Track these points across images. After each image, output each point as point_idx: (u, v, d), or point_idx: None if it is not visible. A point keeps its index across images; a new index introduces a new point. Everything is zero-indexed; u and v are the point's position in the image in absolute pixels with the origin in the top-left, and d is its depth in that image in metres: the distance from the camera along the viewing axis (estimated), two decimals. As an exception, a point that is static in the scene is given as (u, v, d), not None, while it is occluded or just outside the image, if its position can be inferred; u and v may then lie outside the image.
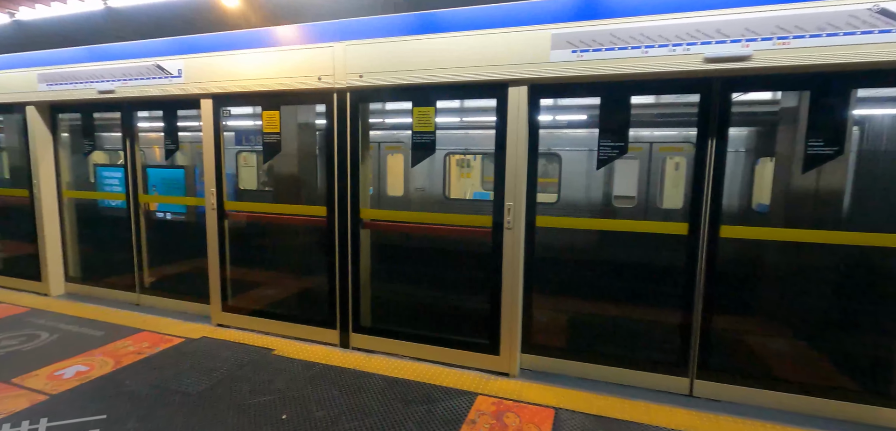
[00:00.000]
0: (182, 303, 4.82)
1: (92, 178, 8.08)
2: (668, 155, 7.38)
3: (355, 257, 3.83)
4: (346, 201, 3.78)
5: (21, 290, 5.42)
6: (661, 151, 7.33)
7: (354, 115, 3.68)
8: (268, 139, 4.01)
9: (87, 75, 4.61)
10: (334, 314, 3.96)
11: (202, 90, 4.12)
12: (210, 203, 4.27)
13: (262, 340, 4.07)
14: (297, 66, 3.77)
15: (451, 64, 3.31)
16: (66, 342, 3.98)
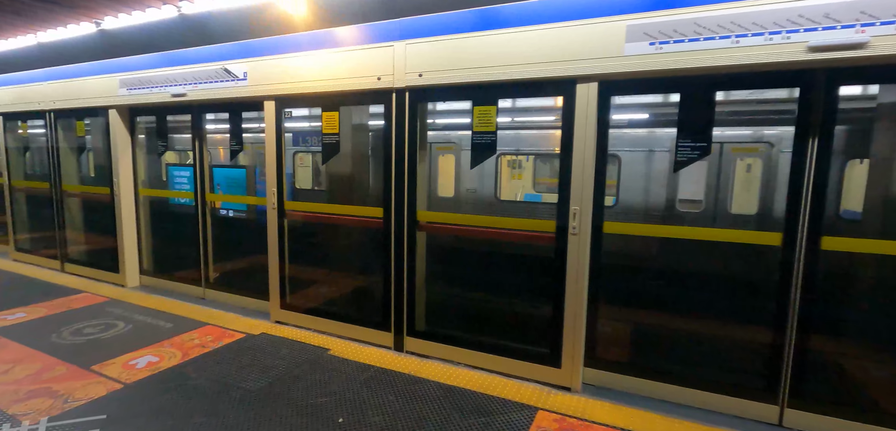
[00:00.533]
0: (242, 299, 4.97)
1: (163, 176, 8.63)
2: (738, 156, 6.82)
3: (411, 260, 3.76)
4: (403, 203, 3.72)
5: (101, 281, 5.81)
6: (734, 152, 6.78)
7: (413, 115, 3.62)
8: (327, 140, 4.03)
9: (162, 80, 4.86)
10: (389, 316, 3.91)
11: (265, 92, 4.22)
12: (271, 203, 4.36)
13: (318, 339, 4.09)
14: (356, 66, 3.75)
15: (515, 61, 3.16)
16: (140, 332, 4.19)
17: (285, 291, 4.46)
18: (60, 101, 5.80)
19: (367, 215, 4.04)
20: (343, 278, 4.55)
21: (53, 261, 6.37)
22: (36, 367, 3.48)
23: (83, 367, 3.50)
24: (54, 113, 5.98)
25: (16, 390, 3.14)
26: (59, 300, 5.05)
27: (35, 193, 6.81)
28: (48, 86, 5.89)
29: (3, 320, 4.41)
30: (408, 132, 3.64)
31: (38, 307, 4.78)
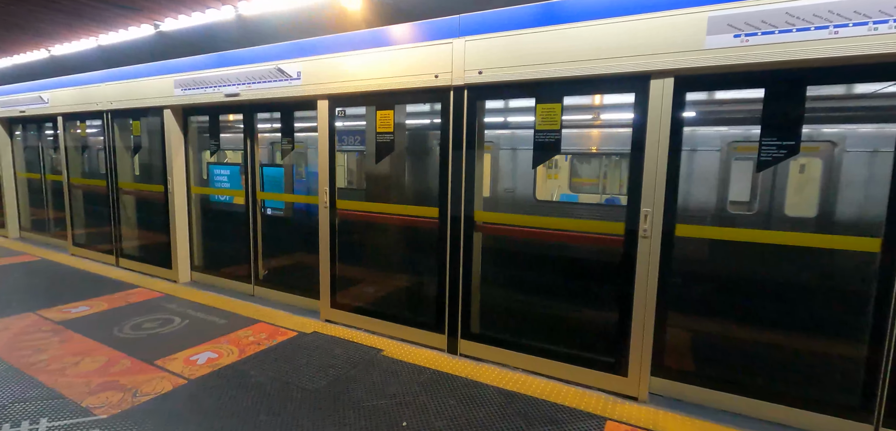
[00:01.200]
0: (290, 297, 5.01)
1: (204, 175, 8.85)
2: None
3: (467, 262, 3.68)
4: (460, 204, 3.65)
5: (154, 276, 5.98)
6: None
7: (472, 113, 3.54)
8: (381, 138, 4.00)
9: (216, 80, 4.95)
10: (442, 318, 3.85)
11: (319, 91, 4.22)
12: (323, 201, 4.37)
13: (370, 339, 4.07)
14: (412, 64, 3.71)
15: (583, 56, 3.04)
16: (196, 328, 4.27)
17: (336, 290, 4.46)
18: (117, 101, 6.00)
19: (422, 215, 3.99)
20: (394, 278, 4.51)
21: (109, 256, 6.60)
22: (102, 360, 3.57)
23: (147, 361, 3.57)
24: (111, 113, 6.19)
25: (87, 382, 3.22)
26: (118, 294, 5.21)
27: (92, 190, 7.08)
28: (106, 87, 6.10)
29: (68, 313, 4.57)
30: (466, 130, 3.57)
31: (99, 302, 4.94)
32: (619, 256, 3.17)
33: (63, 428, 2.70)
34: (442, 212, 3.75)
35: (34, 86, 7.32)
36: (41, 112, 7.14)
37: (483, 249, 3.86)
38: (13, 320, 4.35)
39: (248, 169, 5.14)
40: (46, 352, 3.68)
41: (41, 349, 3.73)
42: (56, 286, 5.49)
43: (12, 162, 8.39)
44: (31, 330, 4.11)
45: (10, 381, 3.21)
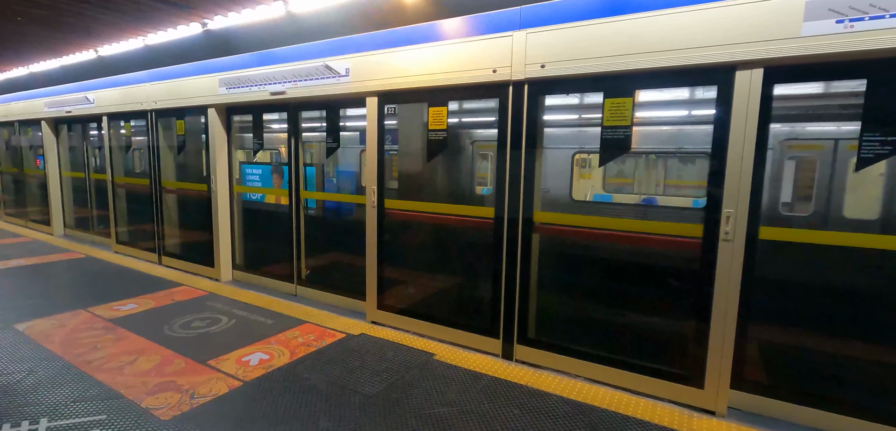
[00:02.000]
0: (333, 297, 4.94)
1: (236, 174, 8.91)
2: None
3: (525, 264, 3.54)
4: (518, 204, 3.50)
5: (196, 274, 6.01)
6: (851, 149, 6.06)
7: (532, 109, 3.39)
8: (434, 136, 3.89)
9: (261, 78, 4.92)
10: (497, 322, 3.71)
11: (368, 88, 4.13)
12: (371, 201, 4.28)
13: (420, 343, 3.95)
14: (468, 58, 3.58)
15: (657, 47, 2.86)
16: (244, 327, 4.23)
17: (382, 291, 4.37)
18: (162, 100, 6.05)
19: (477, 216, 3.86)
20: (442, 280, 4.39)
21: (151, 254, 6.68)
22: (156, 359, 3.55)
23: (200, 361, 3.53)
24: (155, 112, 6.25)
25: (144, 382, 3.20)
26: (163, 292, 5.23)
27: (134, 189, 7.18)
28: (151, 86, 6.16)
29: (118, 311, 4.60)
30: (525, 128, 3.42)
31: (146, 299, 4.96)
32: (695, 260, 2.97)
33: (65, 428, 2.67)
34: (498, 212, 3.61)
35: (80, 86, 7.49)
36: (87, 112, 7.29)
37: (539, 250, 3.71)
38: (67, 316, 4.40)
39: (292, 168, 5.10)
40: (102, 350, 3.68)
41: (97, 346, 3.74)
42: (103, 284, 5.56)
43: (57, 161, 8.61)
44: (84, 327, 4.14)
45: (70, 379, 3.20)
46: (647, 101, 5.88)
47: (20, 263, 6.43)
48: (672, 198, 9.86)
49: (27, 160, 9.42)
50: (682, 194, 9.70)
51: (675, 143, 6.64)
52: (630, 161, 13.12)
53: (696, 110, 6.39)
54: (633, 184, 12.46)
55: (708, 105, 6.12)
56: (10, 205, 10.18)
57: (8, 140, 9.97)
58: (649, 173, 12.39)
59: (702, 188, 9.07)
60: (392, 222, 4.32)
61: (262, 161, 6.17)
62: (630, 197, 11.64)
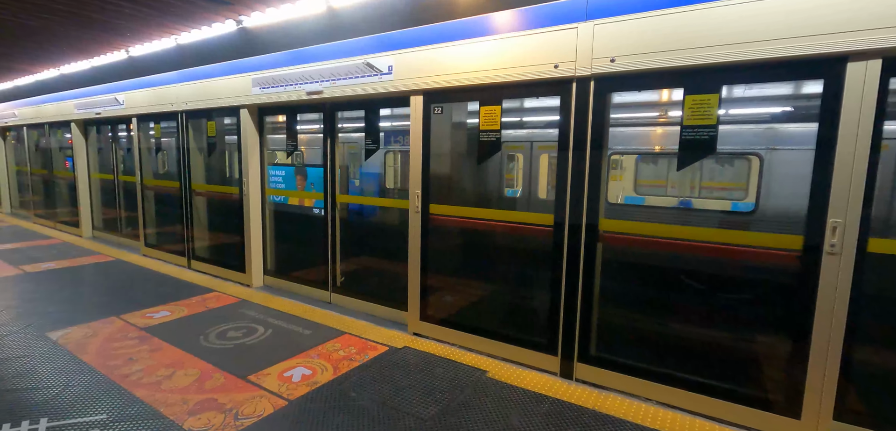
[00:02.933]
0: (370, 305, 4.72)
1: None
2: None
3: (588, 276, 3.25)
4: (581, 211, 3.22)
5: (226, 279, 5.85)
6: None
7: (599, 107, 3.11)
8: (486, 137, 3.63)
9: (296, 77, 4.73)
10: (555, 338, 3.43)
11: (413, 87, 3.90)
12: (415, 206, 4.04)
13: (469, 358, 3.70)
14: (526, 54, 3.32)
15: (750, 37, 2.56)
16: (281, 338, 4.03)
17: (426, 301, 4.12)
18: (193, 101, 5.91)
19: (533, 223, 3.59)
20: (493, 290, 4.13)
21: (180, 258, 6.56)
22: (194, 373, 3.36)
23: (240, 376, 3.33)
24: (186, 113, 6.13)
25: (184, 399, 3.00)
26: (195, 299, 5.07)
27: (163, 191, 7.08)
28: (181, 87, 6.03)
29: (151, 319, 4.44)
30: (591, 127, 3.14)
31: (179, 306, 4.80)
32: (790, 274, 2.66)
33: (65, 428, 2.64)
34: (558, 219, 3.34)
35: (109, 88, 7.42)
36: (116, 114, 7.22)
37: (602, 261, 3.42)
38: (100, 324, 4.25)
39: (327, 170, 4.90)
40: (138, 362, 3.51)
41: (133, 358, 3.57)
42: (134, 289, 5.43)
43: (86, 163, 8.59)
44: (118, 336, 3.98)
45: (109, 395, 3.03)
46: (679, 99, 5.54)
47: (50, 266, 6.36)
48: (707, 200, 9.38)
49: (57, 162, 9.44)
50: (720, 197, 9.25)
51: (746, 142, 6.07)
52: (662, 162, 12.65)
53: (778, 107, 5.93)
54: (666, 186, 12.01)
55: (778, 102, 5.71)
56: (39, 206, 10.23)
57: (38, 142, 10.03)
58: (683, 174, 11.91)
59: (742, 190, 8.61)
60: (437, 228, 4.07)
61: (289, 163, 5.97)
62: (664, 199, 11.19)
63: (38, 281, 5.60)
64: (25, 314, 4.48)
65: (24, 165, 10.71)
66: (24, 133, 10.21)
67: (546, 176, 8.79)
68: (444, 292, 4.21)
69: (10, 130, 11.35)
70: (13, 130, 11.13)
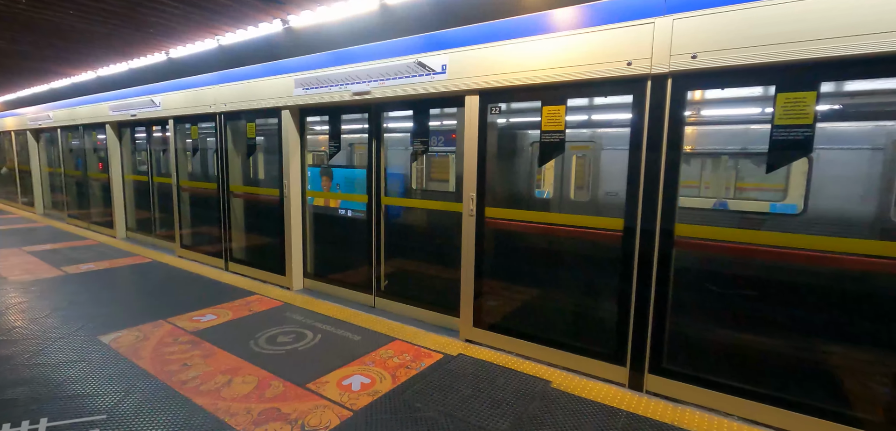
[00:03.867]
0: (416, 310, 4.61)
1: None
2: None
3: (661, 284, 3.10)
4: (655, 215, 3.07)
5: (266, 282, 5.80)
6: None
7: (676, 106, 2.96)
8: (549, 138, 3.49)
9: (342, 78, 4.64)
10: (623, 348, 3.28)
11: (468, 86, 3.78)
12: (469, 209, 3.92)
13: (528, 367, 3.57)
14: (594, 50, 3.17)
15: (860, 30, 2.38)
16: (331, 344, 3.94)
17: (480, 307, 4.00)
18: (232, 103, 5.88)
19: (599, 227, 3.44)
20: (552, 297, 3.98)
21: (217, 260, 6.53)
22: (252, 380, 3.29)
23: (299, 384, 3.24)
24: (224, 115, 6.10)
25: (247, 409, 2.92)
26: (238, 302, 5.02)
27: (199, 193, 7.08)
28: (221, 88, 6.01)
29: (198, 322, 4.39)
30: (667, 128, 2.99)
31: (223, 310, 4.76)
32: (895, 285, 2.48)
33: (65, 428, 2.66)
34: (629, 224, 3.19)
35: (146, 90, 7.45)
36: (153, 115, 7.24)
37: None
38: (149, 328, 4.22)
39: (372, 172, 4.81)
40: (193, 368, 3.45)
41: (187, 364, 3.51)
42: (175, 291, 5.41)
43: (121, 164, 8.66)
44: (169, 341, 3.94)
45: (170, 404, 2.96)
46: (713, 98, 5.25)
47: (90, 267, 6.39)
48: (742, 201, 9.06)
49: (90, 163, 9.54)
50: (755, 198, 8.95)
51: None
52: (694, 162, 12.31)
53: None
54: (699, 186, 11.68)
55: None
56: (72, 207, 10.36)
57: (71, 143, 10.16)
58: (717, 174, 11.58)
59: (777, 191, 8.27)
60: (492, 232, 3.94)
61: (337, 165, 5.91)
62: (697, 200, 10.87)
63: (81, 283, 5.61)
64: (74, 316, 4.47)
65: (57, 166, 10.87)
66: (58, 135, 10.35)
67: (575, 177, 8.59)
68: (499, 298, 4.08)
69: (44, 132, 11.54)
70: (47, 132, 11.31)
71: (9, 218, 10.97)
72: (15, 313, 4.55)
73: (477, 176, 3.86)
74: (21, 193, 12.72)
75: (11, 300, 4.91)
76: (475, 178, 3.87)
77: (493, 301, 4.04)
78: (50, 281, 5.64)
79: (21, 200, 12.69)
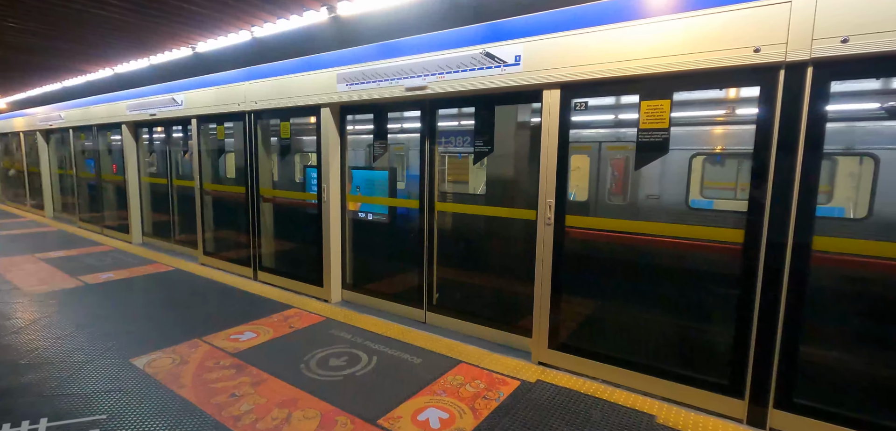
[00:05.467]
0: (474, 326, 4.19)
1: (297, 178, 8.27)
2: None
3: (792, 308, 2.67)
4: (786, 225, 2.64)
5: (300, 293, 5.38)
6: None
7: (817, 98, 2.53)
8: (648, 137, 3.06)
9: (393, 72, 4.23)
10: (741, 379, 2.85)
11: (547, 79, 3.36)
12: (545, 217, 3.50)
13: (622, 397, 3.13)
14: (710, 36, 2.75)
15: None
16: (390, 368, 3.52)
17: (556, 327, 3.57)
18: (264, 100, 5.47)
19: (717, 240, 3.02)
20: (644, 318, 3.54)
21: (244, 268, 6.12)
22: (314, 415, 2.86)
23: (368, 420, 2.82)
24: (254, 114, 5.69)
25: (317, 453, 2.50)
26: (276, 317, 4.60)
27: (224, 196, 6.67)
28: (250, 85, 5.60)
29: (237, 341, 3.98)
30: (805, 124, 2.56)
31: (262, 326, 4.34)
32: None
33: (65, 428, 2.61)
34: (752, 235, 2.76)
35: (166, 87, 7.05)
36: (174, 115, 6.83)
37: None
38: (185, 348, 3.80)
39: (425, 175, 4.39)
40: (244, 399, 3.03)
41: (236, 393, 3.09)
42: (205, 304, 5.00)
43: (137, 166, 8.26)
44: (210, 365, 3.52)
45: (227, 447, 2.54)
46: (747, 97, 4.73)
47: (109, 277, 5.98)
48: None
49: (104, 165, 9.15)
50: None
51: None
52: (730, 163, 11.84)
53: None
54: (734, 189, 11.22)
55: None
56: (84, 210, 9.97)
57: (83, 144, 9.77)
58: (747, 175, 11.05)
59: (823, 194, 7.74)
60: (572, 243, 3.51)
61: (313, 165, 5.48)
62: (733, 203, 10.41)
63: (103, 295, 5.20)
64: (100, 334, 4.06)
65: (68, 168, 10.49)
66: (70, 136, 9.96)
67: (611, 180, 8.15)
68: (579, 316, 3.66)
69: (54, 133, 11.16)
70: (57, 132, 10.92)
71: (18, 221, 10.59)
72: (35, 330, 4.13)
73: (556, 180, 3.44)
74: (29, 195, 12.34)
75: (30, 315, 4.50)
76: (554, 182, 3.45)
77: (573, 321, 3.61)
78: (69, 293, 5.24)
79: (30, 202, 12.31)
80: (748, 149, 2.78)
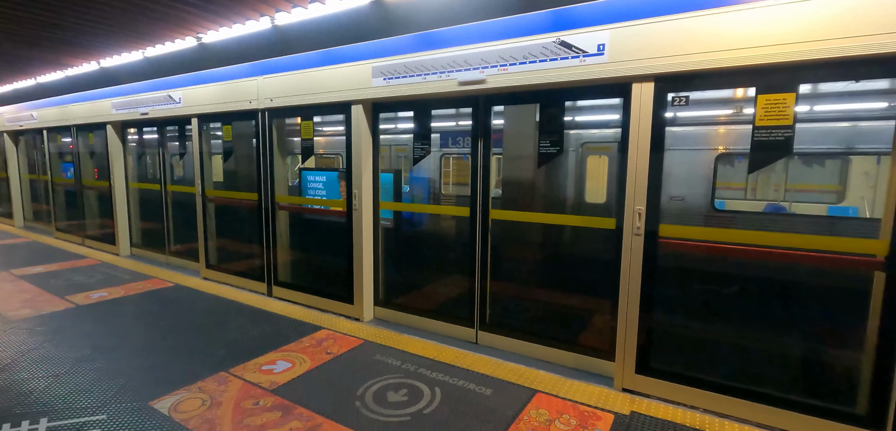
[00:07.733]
0: (541, 349, 3.76)
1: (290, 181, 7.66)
2: None
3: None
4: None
5: (325, 311, 4.85)
6: None
7: None
8: (766, 136, 2.69)
9: (444, 63, 3.76)
10: (883, 412, 2.51)
11: (639, 70, 2.96)
12: (633, 225, 3.10)
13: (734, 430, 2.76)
14: (846, 17, 2.39)
15: None
16: (460, 402, 3.06)
17: (646, 351, 3.18)
18: (281, 97, 4.91)
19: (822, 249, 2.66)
20: (752, 339, 3.16)
21: (256, 283, 5.53)
22: (393, 471, 2.38)
23: (462, 476, 2.36)
24: (268, 112, 5.12)
25: None
26: (307, 341, 4.07)
27: (229, 204, 6.06)
28: (264, 80, 5.03)
29: (272, 374, 3.44)
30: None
31: (295, 353, 3.80)
32: None
33: (65, 428, 2.53)
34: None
35: (158, 84, 6.38)
36: (171, 114, 6.18)
37: None
38: (211, 385, 3.25)
39: (478, 178, 3.93)
40: (305, 454, 2.52)
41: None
42: (221, 326, 4.41)
43: (124, 171, 7.52)
44: (248, 407, 2.98)
45: None
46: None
47: (103, 295, 5.32)
48: (797, 204, 8.41)
49: (85, 170, 8.34)
50: (812, 199, 8.37)
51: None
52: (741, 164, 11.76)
53: None
54: (756, 189, 11.11)
55: None
56: (61, 219, 9.10)
57: (60, 147, 8.92)
58: (768, 174, 11.03)
59: (833, 192, 7.65)
60: (666, 256, 3.12)
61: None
62: (750, 204, 10.28)
63: (99, 319, 4.56)
64: (107, 370, 3.47)
65: (42, 173, 9.59)
66: (44, 137, 9.09)
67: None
68: (673, 339, 3.27)
69: (24, 135, 10.21)
70: (29, 133, 9.99)
71: (-15, 233, 9.63)
72: (26, 367, 3.50)
73: (648, 185, 3.04)
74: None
75: (18, 347, 3.85)
76: (645, 188, 3.05)
77: (667, 344, 3.22)
78: (59, 317, 4.57)
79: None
80: None
